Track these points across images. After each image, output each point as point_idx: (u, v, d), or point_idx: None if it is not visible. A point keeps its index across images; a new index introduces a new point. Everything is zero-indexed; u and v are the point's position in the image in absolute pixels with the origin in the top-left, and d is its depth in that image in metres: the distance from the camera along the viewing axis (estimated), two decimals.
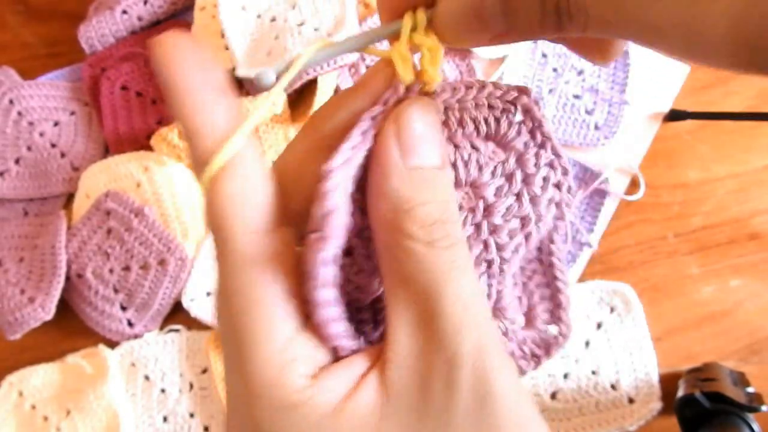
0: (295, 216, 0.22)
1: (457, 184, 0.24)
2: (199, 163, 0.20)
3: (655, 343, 0.56)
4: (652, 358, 0.56)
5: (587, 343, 0.57)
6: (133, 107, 0.65)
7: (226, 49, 0.62)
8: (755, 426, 0.48)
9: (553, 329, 0.26)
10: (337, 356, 0.21)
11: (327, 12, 0.61)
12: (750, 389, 0.50)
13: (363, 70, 0.62)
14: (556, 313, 0.26)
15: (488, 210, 0.24)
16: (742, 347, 0.57)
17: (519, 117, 0.24)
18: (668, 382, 0.55)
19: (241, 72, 0.61)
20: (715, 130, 0.61)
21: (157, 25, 0.67)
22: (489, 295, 0.25)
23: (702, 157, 0.61)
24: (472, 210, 0.24)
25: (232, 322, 0.20)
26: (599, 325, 0.57)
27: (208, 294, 0.60)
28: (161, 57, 0.20)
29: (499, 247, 0.24)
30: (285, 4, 0.62)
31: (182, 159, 0.60)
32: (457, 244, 0.20)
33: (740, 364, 0.56)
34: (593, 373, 0.56)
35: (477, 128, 0.24)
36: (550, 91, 0.63)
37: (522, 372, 0.25)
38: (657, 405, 0.54)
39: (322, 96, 0.59)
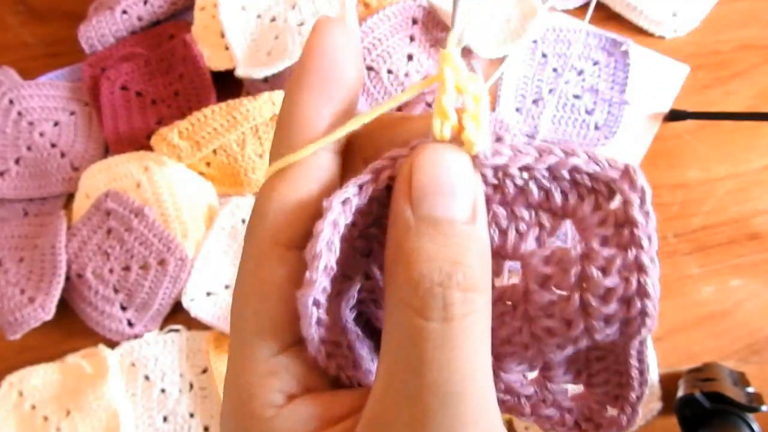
0: None
1: (504, 254, 0.21)
2: (270, 156, 0.20)
3: (655, 343, 0.56)
4: (652, 358, 0.56)
5: None
6: (133, 107, 0.65)
7: (226, 49, 0.62)
8: (755, 426, 0.48)
9: (612, 411, 0.22)
10: (340, 384, 0.21)
11: (327, 12, 0.61)
12: (750, 389, 0.50)
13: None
14: (620, 403, 0.22)
15: (527, 297, 0.20)
16: (742, 347, 0.57)
17: (612, 205, 0.19)
18: (668, 382, 0.55)
19: (241, 72, 0.61)
20: (715, 130, 0.61)
21: (157, 25, 0.67)
22: (534, 367, 0.22)
23: (702, 157, 0.61)
24: (514, 288, 0.21)
25: (235, 320, 0.21)
26: None
27: (208, 294, 0.60)
28: (311, 43, 0.20)
29: (536, 338, 0.20)
30: (285, 4, 0.62)
31: (182, 159, 0.60)
32: (461, 318, 0.17)
33: (740, 364, 0.56)
34: None
35: (549, 201, 0.20)
36: (550, 91, 0.63)
37: None
38: (657, 405, 0.54)
39: None
